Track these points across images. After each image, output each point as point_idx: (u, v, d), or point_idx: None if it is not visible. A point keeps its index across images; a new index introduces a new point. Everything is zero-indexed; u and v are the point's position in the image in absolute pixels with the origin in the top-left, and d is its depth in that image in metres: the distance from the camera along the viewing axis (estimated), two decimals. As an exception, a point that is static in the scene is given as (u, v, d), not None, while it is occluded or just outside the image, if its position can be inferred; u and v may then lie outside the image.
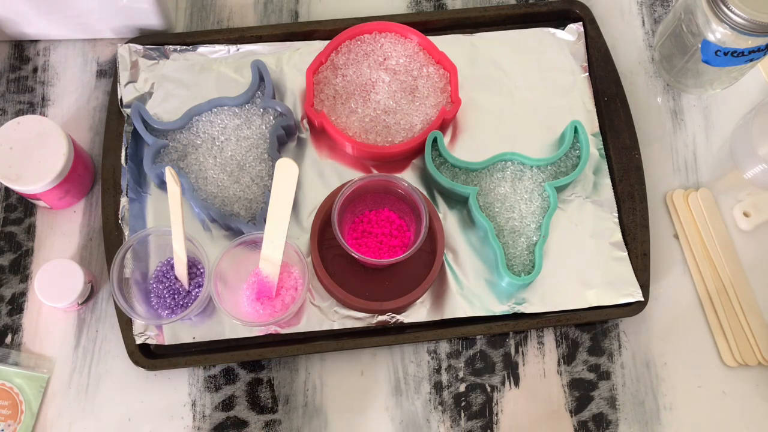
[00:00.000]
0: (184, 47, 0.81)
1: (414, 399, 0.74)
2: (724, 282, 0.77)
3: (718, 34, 0.72)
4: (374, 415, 0.73)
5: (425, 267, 0.73)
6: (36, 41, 0.84)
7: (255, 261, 0.71)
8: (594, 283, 0.75)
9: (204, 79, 0.79)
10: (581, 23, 0.83)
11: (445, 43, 0.80)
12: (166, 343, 0.73)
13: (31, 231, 0.77)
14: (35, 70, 0.83)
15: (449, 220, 0.77)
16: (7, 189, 0.78)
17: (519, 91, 0.81)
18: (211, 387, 0.74)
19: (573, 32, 0.83)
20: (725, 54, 0.73)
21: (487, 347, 0.75)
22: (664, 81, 0.84)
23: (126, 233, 0.74)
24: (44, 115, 0.73)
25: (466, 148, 0.79)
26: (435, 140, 0.76)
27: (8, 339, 0.74)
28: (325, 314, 0.73)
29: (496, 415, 0.74)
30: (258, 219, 0.73)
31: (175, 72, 0.79)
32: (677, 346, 0.76)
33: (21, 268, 0.76)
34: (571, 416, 0.74)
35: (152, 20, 0.80)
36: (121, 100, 0.78)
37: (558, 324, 0.75)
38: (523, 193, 0.75)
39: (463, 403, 0.74)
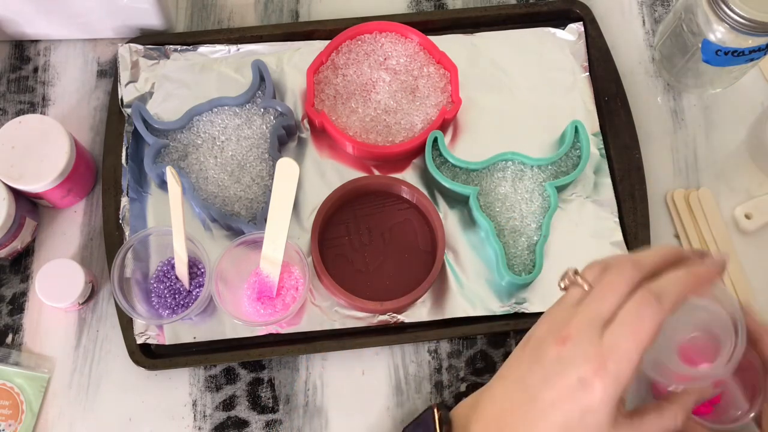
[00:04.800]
0: (185, 47, 0.81)
1: (415, 399, 0.74)
2: (725, 282, 0.77)
3: (718, 33, 0.72)
4: (375, 414, 0.73)
5: (425, 267, 0.73)
6: (36, 41, 0.84)
7: (256, 261, 0.71)
8: (594, 283, 0.74)
9: (204, 78, 0.79)
10: (581, 23, 0.83)
11: (445, 42, 0.80)
12: (166, 343, 0.73)
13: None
14: (36, 70, 0.83)
15: (450, 219, 0.77)
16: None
17: (519, 90, 0.81)
18: (211, 387, 0.74)
19: (573, 32, 0.83)
20: (726, 53, 0.73)
21: (488, 347, 0.75)
22: (665, 81, 0.84)
23: (127, 233, 0.74)
24: (45, 115, 0.73)
25: (466, 148, 0.79)
26: (435, 140, 0.76)
27: (9, 339, 0.74)
28: (326, 314, 0.73)
29: (497, 414, 0.74)
30: (258, 219, 0.73)
31: (176, 72, 0.79)
32: (678, 346, 0.76)
33: (21, 267, 0.76)
34: (572, 416, 0.74)
35: (153, 20, 0.80)
36: (121, 99, 0.78)
37: (558, 323, 0.74)
38: (523, 192, 0.75)
39: (463, 403, 0.74)
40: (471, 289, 0.74)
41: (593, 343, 0.48)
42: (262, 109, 0.77)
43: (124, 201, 0.75)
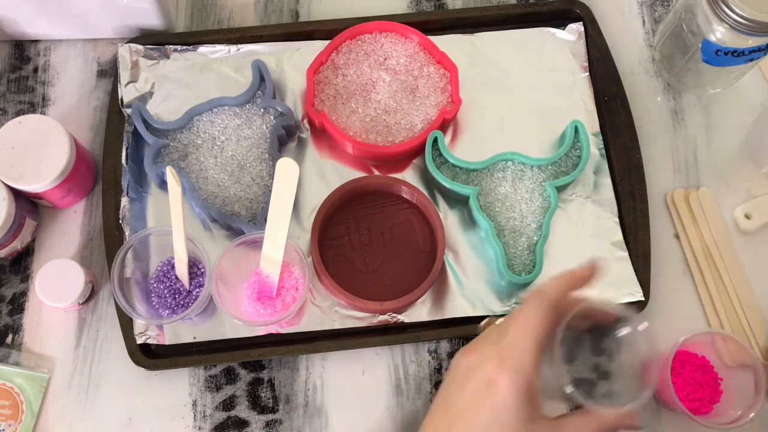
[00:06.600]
0: (185, 47, 0.81)
1: (415, 399, 0.74)
2: (725, 281, 0.77)
3: (718, 33, 0.72)
4: (375, 414, 0.73)
5: (425, 267, 0.73)
6: (36, 41, 0.84)
7: (256, 261, 0.71)
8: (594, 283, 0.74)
9: (204, 78, 0.79)
10: (581, 23, 0.83)
11: (445, 42, 0.80)
12: (166, 343, 0.73)
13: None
14: (36, 70, 0.83)
15: (450, 219, 0.77)
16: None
17: (519, 90, 0.81)
18: (211, 387, 0.74)
19: (573, 32, 0.83)
20: (726, 54, 0.73)
21: (488, 347, 0.75)
22: (665, 81, 0.84)
23: (127, 233, 0.74)
24: (45, 115, 0.73)
25: (466, 148, 0.79)
26: (435, 140, 0.76)
27: (9, 339, 0.74)
28: (326, 314, 0.73)
29: (497, 414, 0.74)
30: (258, 219, 0.73)
31: (176, 72, 0.79)
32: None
33: (21, 268, 0.76)
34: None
35: (153, 20, 0.80)
36: (121, 99, 0.78)
37: (558, 323, 0.75)
38: (523, 192, 0.75)
39: (463, 403, 0.74)
40: (471, 289, 0.74)
41: (494, 346, 0.53)
42: (262, 109, 0.77)
43: (124, 201, 0.75)
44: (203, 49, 0.81)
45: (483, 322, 0.62)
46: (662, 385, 0.69)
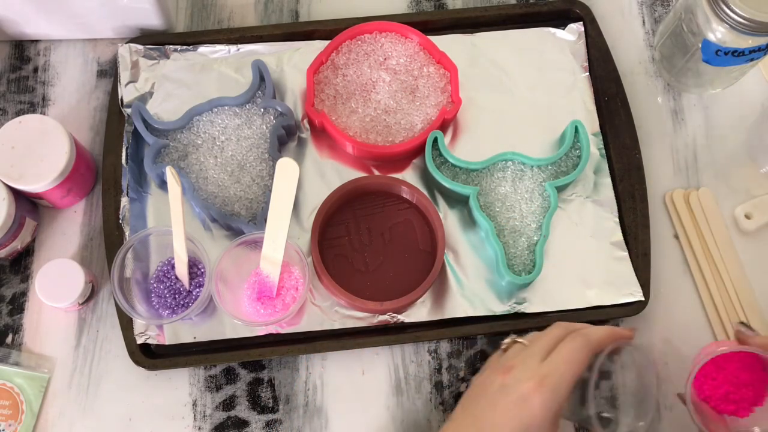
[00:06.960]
0: (185, 47, 0.81)
1: (415, 399, 0.74)
2: (725, 281, 0.77)
3: (718, 33, 0.72)
4: (375, 414, 0.73)
5: (425, 267, 0.73)
6: (36, 41, 0.84)
7: (256, 261, 0.71)
8: (594, 283, 0.75)
9: (204, 78, 0.79)
10: (581, 23, 0.83)
11: (445, 42, 0.80)
12: (166, 343, 0.73)
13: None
14: (36, 70, 0.83)
15: (450, 219, 0.77)
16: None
17: (519, 90, 0.81)
18: (211, 387, 0.74)
19: (573, 32, 0.83)
20: (726, 53, 0.73)
21: (488, 347, 0.75)
22: (665, 81, 0.84)
23: (127, 233, 0.74)
24: (45, 115, 0.73)
25: (466, 148, 0.79)
26: (435, 140, 0.76)
27: (9, 339, 0.74)
28: (326, 314, 0.73)
29: (497, 414, 0.74)
30: (258, 219, 0.73)
31: (176, 72, 0.79)
32: (678, 346, 0.76)
33: (21, 267, 0.76)
34: (572, 416, 0.74)
35: (153, 20, 0.80)
36: (121, 99, 0.78)
37: (559, 323, 0.75)
38: (523, 192, 0.75)
39: (463, 403, 0.74)
40: (471, 289, 0.74)
41: (534, 367, 0.57)
42: (262, 109, 0.77)
43: (124, 201, 0.75)
44: (203, 49, 0.81)
45: (507, 341, 0.64)
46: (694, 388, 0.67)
